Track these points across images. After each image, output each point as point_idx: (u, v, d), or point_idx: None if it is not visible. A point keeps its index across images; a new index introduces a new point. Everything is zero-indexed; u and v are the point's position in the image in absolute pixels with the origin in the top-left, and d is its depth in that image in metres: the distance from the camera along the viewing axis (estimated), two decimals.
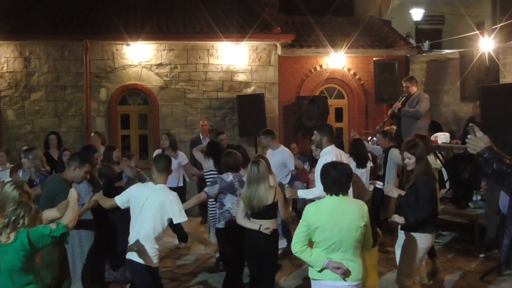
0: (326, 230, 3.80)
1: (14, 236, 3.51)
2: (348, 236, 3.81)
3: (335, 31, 12.55)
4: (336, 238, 3.79)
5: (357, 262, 3.89)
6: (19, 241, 3.48)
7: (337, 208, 3.86)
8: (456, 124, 10.76)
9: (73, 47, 10.95)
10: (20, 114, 10.91)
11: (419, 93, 8.75)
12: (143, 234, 4.62)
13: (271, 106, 11.56)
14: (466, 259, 7.05)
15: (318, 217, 3.84)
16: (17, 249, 3.47)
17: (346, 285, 3.85)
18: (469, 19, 12.61)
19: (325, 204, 3.93)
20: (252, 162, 5.19)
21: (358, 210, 3.88)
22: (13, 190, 4.14)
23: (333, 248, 3.82)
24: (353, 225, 3.82)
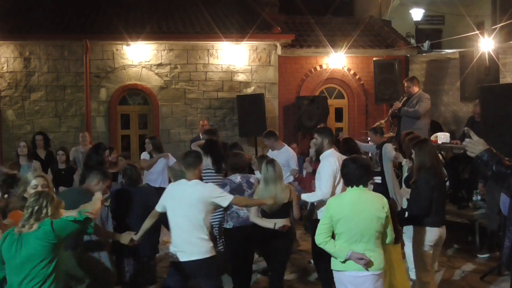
0: (348, 221, 3.96)
1: (37, 226, 3.48)
2: (369, 226, 3.96)
3: (335, 31, 12.56)
4: (358, 228, 3.95)
5: (378, 252, 4.02)
6: (41, 230, 3.45)
7: (358, 199, 4.03)
8: (456, 124, 10.76)
9: (73, 47, 10.95)
10: (20, 114, 10.90)
11: (420, 93, 8.76)
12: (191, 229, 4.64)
13: (271, 106, 11.56)
14: (466, 259, 7.05)
15: (340, 209, 4.01)
16: (39, 237, 3.43)
17: (369, 275, 3.96)
18: (469, 19, 12.61)
19: (347, 196, 4.11)
20: (267, 162, 5.29)
21: (378, 202, 4.06)
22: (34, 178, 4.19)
23: (356, 238, 3.96)
24: (373, 215, 3.98)
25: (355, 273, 3.96)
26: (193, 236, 4.63)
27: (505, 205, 5.33)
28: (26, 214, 3.50)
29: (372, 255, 3.96)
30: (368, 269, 3.94)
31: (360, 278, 3.97)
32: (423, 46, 13.12)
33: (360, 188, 4.07)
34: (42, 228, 3.45)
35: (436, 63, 11.75)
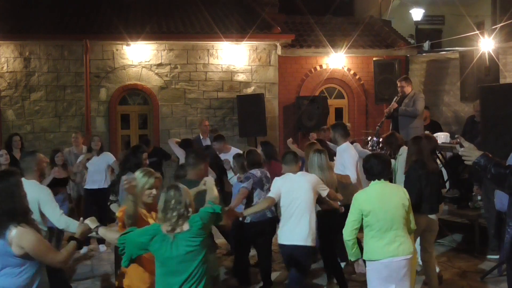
0: (378, 212, 4.31)
1: (188, 225, 3.43)
2: (397, 214, 4.35)
3: (335, 31, 12.56)
4: (388, 218, 4.31)
5: (407, 237, 4.42)
6: (194, 228, 3.42)
7: (383, 191, 4.41)
8: (456, 124, 10.76)
9: (73, 47, 10.95)
10: (20, 114, 10.90)
11: (415, 93, 8.81)
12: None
13: (271, 106, 11.56)
14: (466, 259, 7.04)
15: (368, 203, 4.35)
16: (194, 235, 3.41)
17: (401, 259, 4.33)
18: (469, 19, 12.60)
19: (372, 190, 4.46)
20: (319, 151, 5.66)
21: (400, 191, 4.50)
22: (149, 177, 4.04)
23: (386, 227, 4.32)
24: (399, 203, 4.38)
25: (391, 259, 4.30)
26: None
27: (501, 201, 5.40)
28: (172, 217, 3.40)
29: (402, 241, 4.33)
30: (401, 254, 4.31)
31: (394, 263, 4.31)
32: (423, 46, 13.10)
33: (382, 181, 4.44)
34: (194, 226, 3.43)
35: (436, 63, 11.75)
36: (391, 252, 4.30)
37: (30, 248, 3.29)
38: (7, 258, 3.27)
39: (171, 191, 3.44)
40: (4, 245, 3.24)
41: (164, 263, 3.40)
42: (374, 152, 5.11)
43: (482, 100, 7.35)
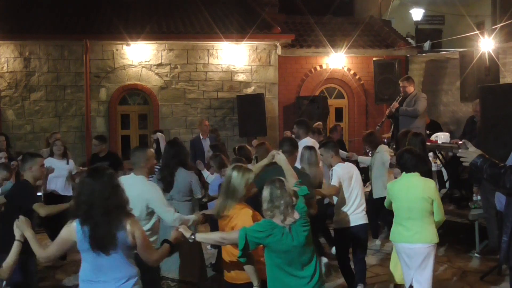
0: (399, 201, 4.79)
1: (297, 213, 3.61)
2: (416, 205, 4.68)
3: (335, 31, 12.56)
4: (407, 207, 4.72)
5: (427, 228, 4.70)
6: (303, 214, 3.64)
7: (410, 183, 4.78)
8: (455, 124, 10.75)
9: (73, 47, 10.96)
10: (20, 114, 10.91)
11: (417, 93, 8.79)
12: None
13: (271, 106, 11.57)
14: (466, 259, 7.04)
15: (394, 191, 4.88)
16: (304, 219, 3.62)
17: (416, 247, 4.67)
18: (469, 19, 12.60)
19: (401, 180, 4.89)
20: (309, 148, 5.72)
21: (425, 185, 4.76)
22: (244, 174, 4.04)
23: (404, 215, 4.75)
24: (419, 196, 4.68)
25: (406, 245, 4.72)
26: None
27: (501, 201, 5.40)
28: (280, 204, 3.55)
29: (419, 230, 4.65)
30: (418, 241, 4.65)
31: (410, 250, 4.70)
32: (424, 46, 13.11)
33: (415, 174, 4.78)
34: (302, 212, 3.63)
35: (435, 63, 11.75)
36: (406, 238, 4.71)
37: (140, 239, 3.35)
38: (127, 250, 3.35)
39: (276, 183, 3.62)
40: (125, 236, 3.30)
41: (287, 253, 3.55)
42: (407, 148, 5.29)
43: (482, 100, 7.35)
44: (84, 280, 3.38)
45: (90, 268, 3.34)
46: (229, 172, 4.07)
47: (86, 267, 3.37)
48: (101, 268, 3.31)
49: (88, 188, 3.28)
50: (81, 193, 3.31)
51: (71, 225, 3.33)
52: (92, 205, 3.24)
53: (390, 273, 5.38)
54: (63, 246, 3.39)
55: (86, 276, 3.36)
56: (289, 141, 5.28)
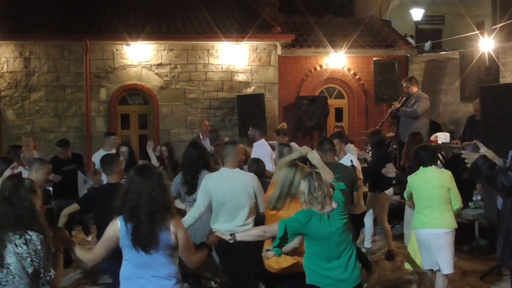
0: (419, 191, 5.22)
1: (335, 202, 3.82)
2: (435, 193, 5.13)
3: (335, 31, 12.56)
4: (427, 195, 5.15)
5: (445, 214, 5.12)
6: (341, 203, 3.83)
7: (428, 175, 5.21)
8: (454, 124, 10.75)
9: (73, 47, 10.96)
10: (20, 114, 10.91)
11: (419, 93, 8.77)
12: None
13: (271, 106, 11.57)
14: (466, 259, 7.04)
15: (413, 183, 5.30)
16: (342, 208, 3.82)
17: (436, 232, 5.08)
18: (469, 19, 12.59)
19: (420, 173, 5.29)
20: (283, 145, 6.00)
21: (439, 174, 5.26)
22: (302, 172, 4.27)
23: (425, 204, 5.15)
24: (436, 185, 5.15)
25: (427, 230, 5.09)
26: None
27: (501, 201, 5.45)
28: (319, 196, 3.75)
29: (437, 216, 5.08)
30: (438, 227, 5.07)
31: (430, 235, 5.08)
32: (424, 46, 13.10)
33: (432, 167, 5.25)
34: (340, 202, 3.83)
35: (435, 63, 11.74)
36: (426, 224, 5.10)
37: (183, 240, 3.35)
38: (169, 250, 3.35)
39: (313, 175, 3.83)
40: (168, 236, 3.29)
41: (325, 239, 3.71)
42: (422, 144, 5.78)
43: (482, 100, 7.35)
44: (125, 278, 3.38)
45: (131, 265, 3.34)
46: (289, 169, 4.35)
47: (127, 265, 3.37)
48: (142, 266, 3.30)
49: (137, 186, 3.28)
50: (128, 191, 3.30)
51: (115, 222, 3.33)
52: (139, 204, 3.24)
53: (411, 261, 5.53)
54: (109, 244, 3.37)
55: (127, 273, 3.36)
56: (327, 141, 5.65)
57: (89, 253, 3.47)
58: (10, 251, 3.14)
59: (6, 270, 3.13)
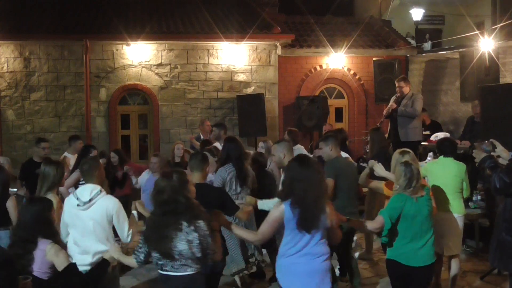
0: (436, 177, 5.60)
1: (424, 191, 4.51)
2: (450, 182, 5.56)
3: (335, 31, 12.55)
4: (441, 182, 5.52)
5: (456, 202, 5.58)
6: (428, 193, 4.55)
7: (445, 163, 5.68)
8: (454, 124, 10.77)
9: (73, 47, 10.95)
10: (20, 114, 10.91)
11: (413, 93, 8.79)
12: None
13: (271, 106, 11.57)
14: (466, 259, 7.04)
15: (433, 169, 5.75)
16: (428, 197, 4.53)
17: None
18: (469, 19, 12.59)
19: (439, 161, 5.83)
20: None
21: (457, 166, 5.66)
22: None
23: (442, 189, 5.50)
24: (453, 174, 5.60)
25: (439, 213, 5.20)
26: None
27: None
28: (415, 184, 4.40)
29: (453, 203, 5.52)
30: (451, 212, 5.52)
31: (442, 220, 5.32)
32: (424, 46, 13.10)
33: (450, 158, 5.69)
34: (427, 192, 4.55)
35: (435, 63, 11.75)
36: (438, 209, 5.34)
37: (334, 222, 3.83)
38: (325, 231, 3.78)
39: (412, 165, 4.48)
40: (325, 219, 3.70)
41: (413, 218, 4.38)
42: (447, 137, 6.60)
43: (482, 100, 7.37)
44: (286, 255, 3.75)
45: (292, 245, 3.72)
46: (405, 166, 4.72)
47: (288, 244, 3.75)
48: (304, 245, 3.70)
49: (300, 175, 3.68)
50: (293, 179, 3.69)
51: (281, 206, 3.70)
52: (306, 190, 3.63)
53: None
54: (274, 224, 3.78)
55: (288, 252, 3.74)
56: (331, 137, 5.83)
57: (254, 234, 3.98)
58: (182, 239, 3.55)
59: (178, 257, 3.56)
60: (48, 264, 3.72)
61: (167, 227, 3.57)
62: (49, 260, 3.71)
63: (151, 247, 3.65)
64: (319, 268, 3.74)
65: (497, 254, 4.13)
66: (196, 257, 3.61)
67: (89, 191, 4.44)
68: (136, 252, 3.74)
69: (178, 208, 3.60)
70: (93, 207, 4.38)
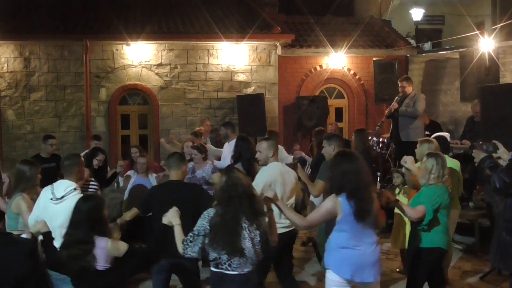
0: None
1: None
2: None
3: (335, 31, 12.55)
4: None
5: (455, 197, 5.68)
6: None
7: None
8: (453, 124, 10.77)
9: (73, 47, 10.96)
10: (20, 114, 10.91)
11: (415, 93, 8.78)
12: None
13: (271, 106, 11.57)
14: (466, 259, 7.05)
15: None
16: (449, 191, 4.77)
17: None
18: (469, 19, 12.59)
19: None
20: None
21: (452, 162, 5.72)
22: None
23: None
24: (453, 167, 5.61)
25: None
26: None
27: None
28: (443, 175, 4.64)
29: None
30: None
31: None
32: (424, 47, 13.10)
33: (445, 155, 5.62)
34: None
35: (435, 63, 11.75)
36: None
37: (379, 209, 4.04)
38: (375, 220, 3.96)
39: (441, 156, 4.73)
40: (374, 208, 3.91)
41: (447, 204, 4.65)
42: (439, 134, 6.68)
43: (482, 100, 7.37)
44: (342, 247, 3.88)
45: (349, 236, 3.87)
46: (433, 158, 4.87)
47: (344, 236, 3.88)
48: (359, 235, 3.86)
49: (351, 167, 3.85)
50: (345, 173, 3.84)
51: (337, 199, 3.85)
52: (358, 182, 3.81)
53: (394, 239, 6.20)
54: (326, 216, 3.94)
55: (345, 243, 3.88)
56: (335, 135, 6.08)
57: (302, 219, 4.05)
58: (245, 237, 3.59)
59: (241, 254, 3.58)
60: (110, 259, 3.69)
61: (234, 223, 3.59)
62: (111, 256, 3.68)
63: (218, 245, 3.57)
64: (376, 257, 3.95)
65: (498, 254, 4.14)
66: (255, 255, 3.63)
67: (64, 187, 4.48)
68: (185, 243, 3.63)
69: (243, 204, 3.63)
70: (64, 203, 4.38)
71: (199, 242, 3.62)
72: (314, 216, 4.01)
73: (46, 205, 4.47)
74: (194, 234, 3.64)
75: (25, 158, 8.17)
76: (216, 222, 3.60)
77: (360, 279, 3.87)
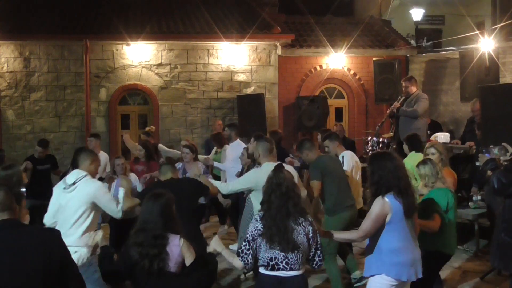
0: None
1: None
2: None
3: (335, 31, 12.55)
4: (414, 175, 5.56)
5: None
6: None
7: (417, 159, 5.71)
8: (454, 124, 10.76)
9: (73, 47, 10.95)
10: (20, 114, 10.91)
11: (418, 93, 8.75)
12: None
13: (271, 106, 11.56)
14: (466, 259, 7.05)
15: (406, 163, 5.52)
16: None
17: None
18: (469, 19, 12.58)
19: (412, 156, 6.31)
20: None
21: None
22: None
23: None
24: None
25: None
26: None
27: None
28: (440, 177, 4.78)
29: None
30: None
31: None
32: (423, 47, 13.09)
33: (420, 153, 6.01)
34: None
35: (435, 63, 11.75)
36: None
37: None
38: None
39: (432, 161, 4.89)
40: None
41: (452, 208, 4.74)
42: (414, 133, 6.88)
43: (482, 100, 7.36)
44: (395, 249, 3.80)
45: (399, 237, 3.82)
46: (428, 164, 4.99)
47: (395, 237, 3.82)
48: (407, 235, 3.84)
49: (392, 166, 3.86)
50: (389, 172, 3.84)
51: (384, 201, 3.80)
52: (400, 178, 3.83)
53: None
54: (377, 221, 3.82)
55: (397, 245, 3.81)
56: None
57: (356, 232, 4.00)
58: (300, 232, 3.57)
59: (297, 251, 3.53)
60: (181, 259, 3.64)
61: (288, 219, 3.57)
62: (183, 254, 3.64)
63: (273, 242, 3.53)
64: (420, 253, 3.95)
65: (497, 255, 4.16)
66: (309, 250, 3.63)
67: (75, 175, 4.55)
68: (242, 254, 3.58)
69: (295, 200, 3.64)
70: (76, 189, 4.48)
71: (252, 250, 3.59)
72: (367, 225, 3.88)
73: (59, 197, 4.56)
74: (248, 240, 3.60)
75: (25, 158, 8.22)
76: (268, 220, 3.58)
77: (412, 277, 3.87)
